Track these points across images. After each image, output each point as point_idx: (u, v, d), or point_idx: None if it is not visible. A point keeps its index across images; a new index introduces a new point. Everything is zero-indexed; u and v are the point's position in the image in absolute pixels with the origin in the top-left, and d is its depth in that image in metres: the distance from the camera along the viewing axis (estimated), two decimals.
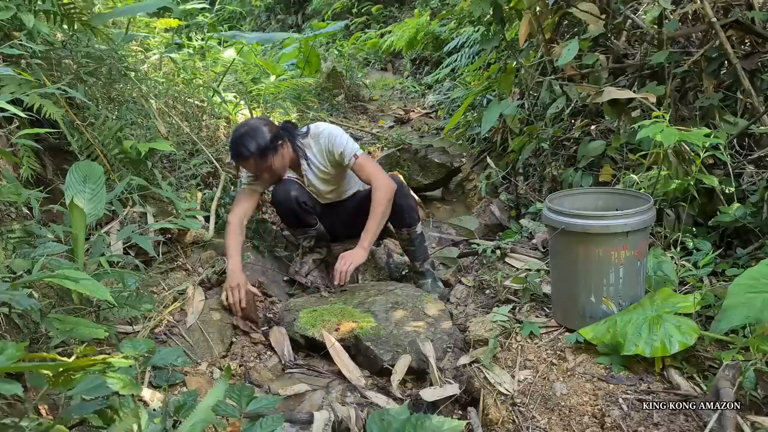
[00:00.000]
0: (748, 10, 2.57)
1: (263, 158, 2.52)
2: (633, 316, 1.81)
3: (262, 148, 2.50)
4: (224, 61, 4.30)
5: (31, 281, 1.48)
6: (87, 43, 2.67)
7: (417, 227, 2.82)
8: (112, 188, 2.24)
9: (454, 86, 5.67)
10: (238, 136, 2.51)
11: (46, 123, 2.27)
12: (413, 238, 2.81)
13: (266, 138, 2.51)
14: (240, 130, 2.54)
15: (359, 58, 7.96)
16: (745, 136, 2.50)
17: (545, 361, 1.90)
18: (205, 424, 1.28)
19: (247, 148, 2.48)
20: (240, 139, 2.49)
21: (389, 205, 2.61)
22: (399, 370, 2.10)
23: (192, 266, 2.59)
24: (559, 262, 2.03)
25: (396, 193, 2.63)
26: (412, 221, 2.77)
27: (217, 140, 3.44)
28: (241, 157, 2.52)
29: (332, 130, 2.63)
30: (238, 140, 2.49)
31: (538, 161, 3.48)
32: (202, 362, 2.11)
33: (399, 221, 2.77)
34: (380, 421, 1.32)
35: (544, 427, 1.68)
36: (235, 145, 2.50)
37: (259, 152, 2.50)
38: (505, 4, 3.27)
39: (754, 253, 2.16)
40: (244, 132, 2.51)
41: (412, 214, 2.77)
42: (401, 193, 2.71)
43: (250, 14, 10.71)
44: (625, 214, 1.83)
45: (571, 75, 3.01)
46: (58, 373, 1.13)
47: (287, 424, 1.76)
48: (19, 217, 2.02)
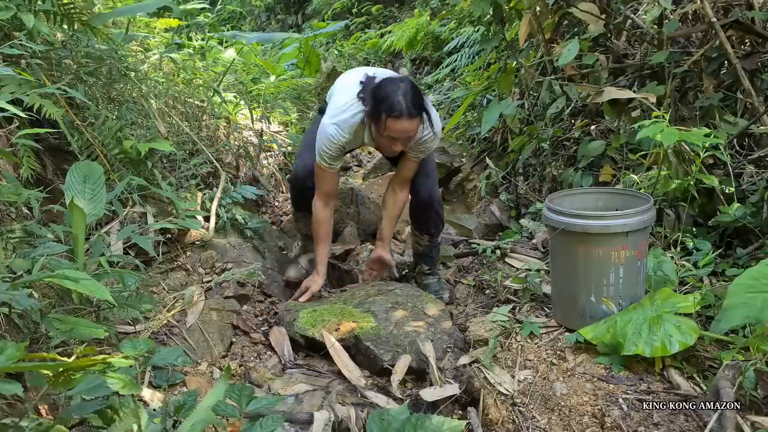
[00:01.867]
0: (748, 10, 2.57)
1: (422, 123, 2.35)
2: (633, 316, 1.81)
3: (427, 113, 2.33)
4: (224, 61, 4.30)
5: (31, 281, 1.48)
6: (87, 43, 2.67)
7: (438, 238, 2.82)
8: (112, 188, 2.24)
9: (454, 86, 5.66)
10: (410, 90, 2.23)
11: (46, 123, 2.27)
12: (432, 245, 2.80)
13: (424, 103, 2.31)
14: (404, 85, 2.25)
15: (359, 58, 7.96)
16: (745, 136, 2.50)
17: (545, 361, 1.90)
18: (205, 424, 1.28)
19: (419, 107, 2.25)
20: (416, 96, 2.24)
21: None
22: (399, 370, 2.10)
23: (192, 266, 2.59)
24: (559, 262, 2.03)
25: (435, 200, 2.68)
26: (437, 232, 2.77)
27: (217, 140, 3.44)
28: (412, 116, 2.22)
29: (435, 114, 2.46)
30: (415, 96, 2.23)
31: (538, 161, 3.48)
32: (202, 362, 2.11)
33: (427, 228, 2.73)
34: (380, 421, 1.32)
35: (544, 427, 1.68)
36: (412, 100, 2.21)
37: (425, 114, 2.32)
38: (505, 4, 3.27)
39: (754, 253, 2.16)
40: (415, 89, 2.26)
41: (439, 227, 2.77)
42: (439, 202, 2.72)
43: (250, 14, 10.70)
44: (625, 214, 1.83)
45: (571, 75, 3.01)
46: (58, 373, 1.13)
47: (287, 424, 1.76)
48: (19, 217, 2.02)
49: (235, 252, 2.87)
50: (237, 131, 3.70)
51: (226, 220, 2.92)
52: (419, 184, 2.66)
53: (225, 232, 2.92)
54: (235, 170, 3.45)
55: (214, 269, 2.67)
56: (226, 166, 3.25)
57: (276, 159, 3.95)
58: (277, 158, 3.98)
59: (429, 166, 2.68)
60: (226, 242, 2.87)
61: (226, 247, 2.83)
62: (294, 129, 4.42)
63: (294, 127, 4.48)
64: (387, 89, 2.24)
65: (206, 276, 2.61)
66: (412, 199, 2.71)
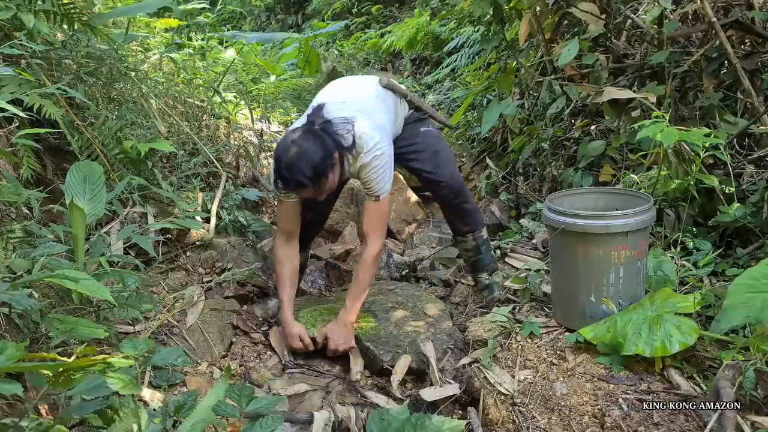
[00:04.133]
0: (748, 10, 2.57)
1: (320, 183, 2.05)
2: (633, 316, 1.81)
3: (320, 172, 2.01)
4: (224, 61, 4.30)
5: (31, 281, 1.48)
6: (87, 43, 2.67)
7: (482, 231, 2.52)
8: (112, 188, 2.24)
9: (454, 86, 5.66)
10: (290, 160, 2.00)
11: (46, 123, 2.27)
12: (479, 244, 2.50)
13: (321, 159, 2.01)
14: (289, 152, 2.01)
15: (359, 58, 7.95)
16: (745, 136, 2.50)
17: (545, 361, 1.90)
18: (205, 424, 1.28)
19: (304, 177, 1.99)
20: (294, 165, 2.00)
21: (374, 272, 2.31)
22: (399, 370, 2.10)
23: (192, 266, 2.59)
24: (559, 262, 2.03)
25: (458, 194, 2.41)
26: (477, 224, 2.49)
27: (217, 140, 3.44)
28: (299, 187, 2.04)
29: (379, 163, 2.13)
30: (292, 167, 2.00)
31: (538, 161, 3.48)
32: (202, 362, 2.11)
33: (460, 226, 2.48)
34: (380, 421, 1.33)
35: (544, 427, 1.68)
36: (290, 174, 2.00)
37: (316, 178, 2.02)
38: (505, 4, 3.27)
39: (754, 253, 2.16)
40: (296, 155, 2.00)
41: (476, 216, 2.49)
42: (464, 194, 2.45)
43: (250, 14, 10.70)
44: (625, 214, 1.83)
45: (571, 75, 3.01)
46: (58, 373, 1.13)
47: (287, 424, 1.76)
48: (19, 217, 2.02)
49: (235, 252, 2.87)
50: (237, 131, 3.70)
51: (227, 222, 2.92)
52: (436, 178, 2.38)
53: (225, 233, 2.92)
54: (235, 170, 3.45)
55: (214, 269, 2.67)
56: (226, 166, 3.25)
57: None
58: None
59: (441, 157, 2.41)
60: (226, 242, 2.87)
61: (226, 248, 2.83)
62: None
63: None
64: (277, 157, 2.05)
65: (206, 276, 2.61)
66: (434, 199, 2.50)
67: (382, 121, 2.22)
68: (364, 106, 2.20)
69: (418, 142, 2.40)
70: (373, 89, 2.31)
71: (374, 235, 2.23)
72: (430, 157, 2.39)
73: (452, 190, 2.40)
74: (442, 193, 2.42)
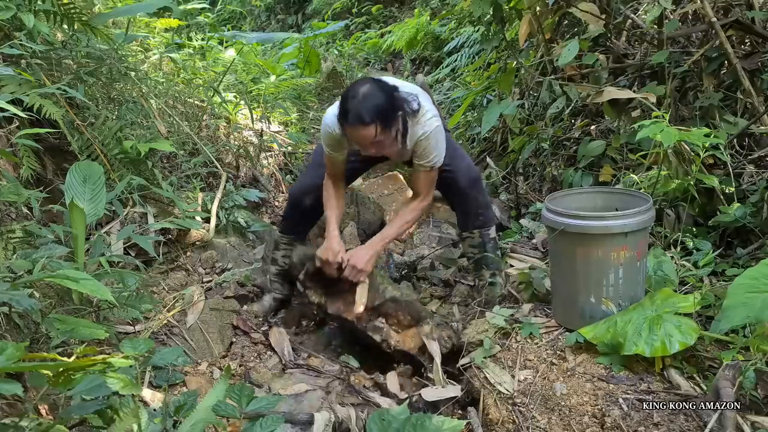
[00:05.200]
0: (748, 10, 2.57)
1: (382, 127, 2.01)
2: (633, 316, 1.81)
3: (385, 116, 2.00)
4: (224, 61, 4.30)
5: (31, 281, 1.48)
6: (87, 43, 2.68)
7: (491, 230, 2.48)
8: (112, 188, 2.24)
9: (454, 86, 5.67)
10: (362, 93, 2.00)
11: (46, 123, 2.27)
12: (485, 242, 2.46)
13: (389, 105, 2.03)
14: (361, 88, 2.02)
15: (359, 58, 7.96)
16: (745, 136, 2.50)
17: (545, 361, 1.90)
18: (205, 424, 1.28)
19: (371, 112, 1.97)
20: (366, 98, 1.99)
21: (417, 218, 2.42)
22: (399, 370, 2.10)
23: (192, 266, 2.59)
24: (559, 262, 2.03)
25: (474, 184, 2.38)
26: (487, 220, 2.46)
27: (217, 140, 3.44)
28: (360, 123, 1.99)
29: (438, 135, 2.20)
30: (364, 98, 1.99)
31: (538, 161, 3.48)
32: (202, 362, 2.11)
33: (470, 221, 2.45)
34: (380, 421, 1.33)
35: (544, 427, 1.68)
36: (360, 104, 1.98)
37: (381, 117, 2.00)
38: (505, 4, 3.27)
39: (754, 253, 2.16)
40: (369, 92, 2.00)
41: (487, 213, 2.46)
42: (480, 186, 2.41)
43: (250, 14, 10.70)
44: (624, 215, 1.83)
45: (571, 75, 3.01)
46: (58, 373, 1.13)
47: (287, 425, 1.76)
48: (19, 217, 2.03)
49: (235, 252, 2.88)
50: (237, 131, 3.70)
51: (227, 222, 2.92)
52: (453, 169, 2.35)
53: (225, 233, 2.92)
54: (236, 170, 3.45)
55: (214, 269, 2.68)
56: (226, 166, 3.25)
57: (276, 159, 3.96)
58: (277, 158, 3.98)
59: (458, 152, 2.43)
60: (226, 242, 2.87)
61: (227, 248, 2.84)
62: (294, 129, 4.42)
63: (294, 127, 4.48)
64: (346, 93, 2.06)
65: (206, 276, 2.62)
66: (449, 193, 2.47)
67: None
68: (418, 92, 2.30)
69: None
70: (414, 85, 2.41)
71: (426, 193, 2.35)
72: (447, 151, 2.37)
73: (469, 179, 2.39)
74: (461, 184, 2.39)
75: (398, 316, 2.22)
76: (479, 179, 2.45)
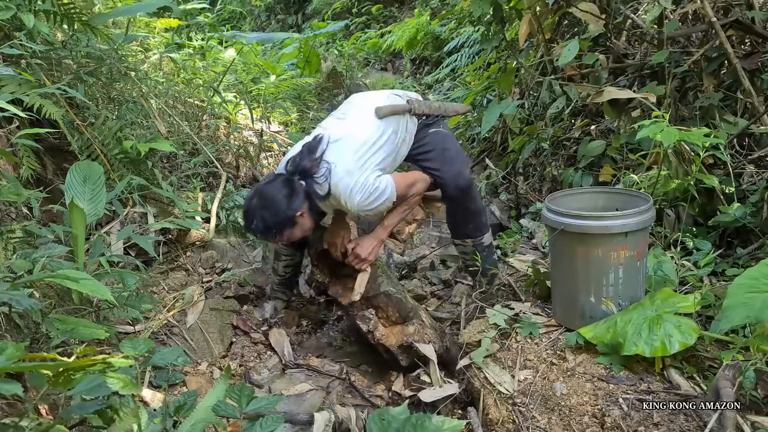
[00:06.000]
0: (748, 10, 2.57)
1: (280, 233, 2.10)
2: (633, 316, 1.81)
3: (280, 222, 2.07)
4: (224, 61, 4.30)
5: (31, 281, 1.48)
6: (87, 43, 2.67)
7: (484, 238, 2.47)
8: (112, 188, 2.24)
9: (454, 86, 5.67)
10: (252, 206, 2.09)
11: (46, 123, 2.27)
12: (479, 251, 2.46)
13: (284, 211, 2.06)
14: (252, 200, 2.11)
15: (359, 58, 7.97)
16: (745, 136, 2.50)
17: (545, 361, 1.90)
18: (205, 424, 1.28)
19: (262, 223, 2.06)
20: (254, 211, 2.08)
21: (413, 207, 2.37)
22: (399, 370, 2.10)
23: (192, 266, 2.59)
24: (559, 262, 2.03)
25: (464, 193, 2.35)
26: (480, 228, 2.46)
27: (217, 140, 3.44)
28: (256, 231, 2.13)
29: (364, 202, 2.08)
30: (253, 212, 2.08)
31: (538, 161, 3.48)
32: (202, 362, 2.11)
33: (461, 229, 2.46)
34: (380, 421, 1.33)
35: (544, 427, 1.68)
36: (249, 217, 2.10)
37: (276, 227, 2.08)
38: (505, 4, 3.27)
39: (754, 253, 2.16)
40: (258, 204, 2.08)
41: (478, 221, 2.45)
42: (470, 195, 2.39)
43: (250, 14, 10.71)
44: (624, 215, 1.83)
45: (571, 75, 3.01)
46: (58, 373, 1.13)
47: (287, 425, 1.76)
48: (19, 217, 2.03)
49: (235, 252, 2.87)
50: (237, 131, 3.70)
51: (227, 222, 2.92)
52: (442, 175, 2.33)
53: (225, 233, 2.92)
54: (236, 170, 3.45)
55: (214, 269, 2.67)
56: (226, 166, 3.25)
57: (276, 159, 3.95)
58: (277, 158, 3.98)
59: (449, 155, 2.36)
60: (226, 242, 2.87)
61: (227, 248, 2.84)
62: (294, 129, 4.41)
63: (294, 127, 4.48)
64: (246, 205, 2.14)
65: (206, 276, 2.61)
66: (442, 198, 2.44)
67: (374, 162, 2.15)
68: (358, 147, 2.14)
69: (426, 143, 2.39)
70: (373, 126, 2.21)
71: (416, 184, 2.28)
72: (438, 155, 2.36)
73: (457, 187, 2.34)
74: (448, 191, 2.36)
75: (387, 311, 2.23)
76: (469, 187, 2.38)
